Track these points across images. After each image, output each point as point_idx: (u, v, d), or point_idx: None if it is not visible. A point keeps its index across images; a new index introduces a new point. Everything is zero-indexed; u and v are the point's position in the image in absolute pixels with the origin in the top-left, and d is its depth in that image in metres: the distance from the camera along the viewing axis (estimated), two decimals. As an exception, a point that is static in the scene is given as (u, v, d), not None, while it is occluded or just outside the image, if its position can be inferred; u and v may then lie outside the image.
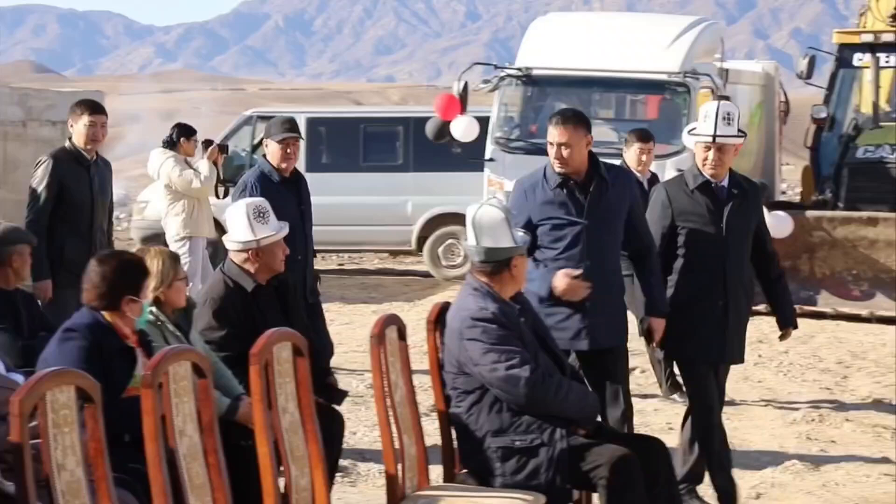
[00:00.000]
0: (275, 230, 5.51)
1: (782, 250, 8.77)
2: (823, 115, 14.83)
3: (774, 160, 15.27)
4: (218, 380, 5.00)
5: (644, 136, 8.89)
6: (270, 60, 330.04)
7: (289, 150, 6.93)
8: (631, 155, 8.80)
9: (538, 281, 5.75)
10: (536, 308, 5.50)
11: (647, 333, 5.99)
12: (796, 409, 8.62)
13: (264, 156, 7.07)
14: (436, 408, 5.20)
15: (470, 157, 13.76)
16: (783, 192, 19.71)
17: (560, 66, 13.70)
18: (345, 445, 7.30)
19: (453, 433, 5.06)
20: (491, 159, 13.60)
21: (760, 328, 10.35)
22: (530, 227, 5.72)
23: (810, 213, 12.87)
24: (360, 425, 7.69)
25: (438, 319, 5.17)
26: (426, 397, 6.73)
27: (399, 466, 4.84)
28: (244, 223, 5.46)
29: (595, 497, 5.00)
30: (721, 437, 6.18)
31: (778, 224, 11.53)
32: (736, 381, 8.76)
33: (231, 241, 5.52)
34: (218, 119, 11.22)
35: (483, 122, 13.52)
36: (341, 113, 19.96)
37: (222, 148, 10.95)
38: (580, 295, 5.72)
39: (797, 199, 14.61)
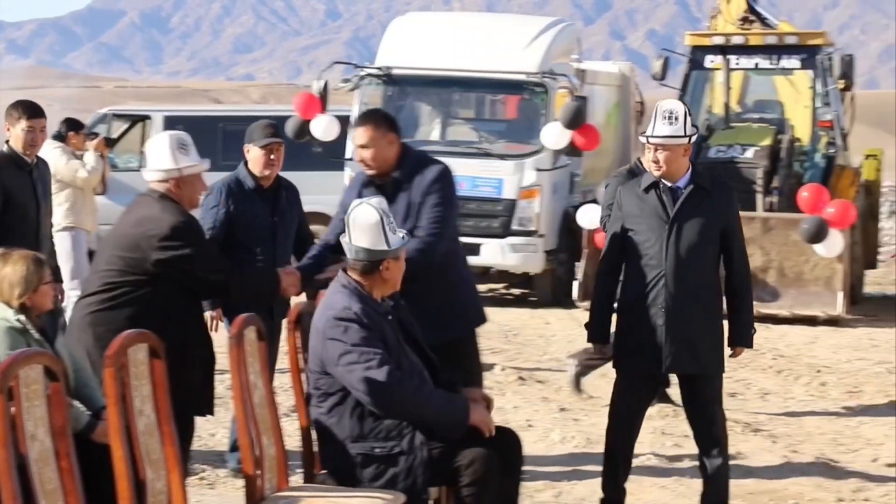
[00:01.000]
0: (196, 161, 5.37)
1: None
2: (677, 115, 15.14)
3: (630, 160, 15.52)
4: (82, 388, 4.88)
5: None
6: (126, 58, 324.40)
7: (272, 157, 6.63)
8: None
9: None
10: None
11: None
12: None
13: (245, 164, 6.77)
14: (296, 409, 5.17)
15: (330, 157, 13.74)
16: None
17: (420, 66, 13.77)
18: (204, 447, 7.23)
19: (314, 434, 5.03)
20: (352, 158, 13.58)
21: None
22: None
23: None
24: (220, 427, 7.59)
25: (299, 320, 5.14)
26: (287, 398, 6.69)
27: (258, 467, 4.80)
28: (166, 152, 5.30)
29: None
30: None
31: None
32: (594, 378, 8.88)
33: (152, 172, 5.33)
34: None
35: (343, 121, 13.50)
36: (200, 111, 19.74)
37: (108, 141, 10.80)
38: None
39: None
